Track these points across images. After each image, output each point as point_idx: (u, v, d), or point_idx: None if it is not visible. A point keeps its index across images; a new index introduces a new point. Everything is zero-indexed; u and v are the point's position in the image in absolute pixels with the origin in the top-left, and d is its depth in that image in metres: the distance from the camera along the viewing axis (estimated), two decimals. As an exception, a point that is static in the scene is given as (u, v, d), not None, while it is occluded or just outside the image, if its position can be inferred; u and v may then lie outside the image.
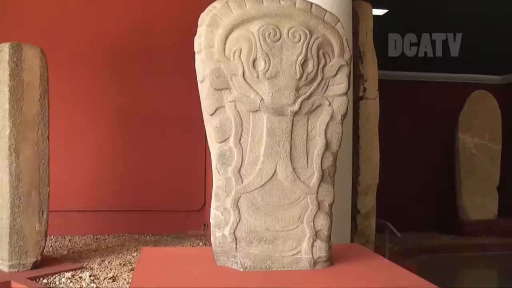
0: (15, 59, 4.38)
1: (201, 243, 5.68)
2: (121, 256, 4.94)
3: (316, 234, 2.48)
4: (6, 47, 4.40)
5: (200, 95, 2.42)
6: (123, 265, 4.59)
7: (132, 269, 4.40)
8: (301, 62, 2.41)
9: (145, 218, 6.29)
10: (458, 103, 7.54)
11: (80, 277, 4.23)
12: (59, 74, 5.56)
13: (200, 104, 2.43)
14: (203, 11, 2.48)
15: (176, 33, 6.34)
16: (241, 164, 2.38)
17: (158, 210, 6.32)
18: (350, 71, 2.58)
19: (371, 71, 4.23)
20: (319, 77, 2.47)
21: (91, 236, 5.99)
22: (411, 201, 7.50)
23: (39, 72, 4.51)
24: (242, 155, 2.38)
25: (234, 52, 2.36)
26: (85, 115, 6.28)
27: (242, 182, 2.39)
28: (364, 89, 4.19)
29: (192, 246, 5.52)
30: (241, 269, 2.39)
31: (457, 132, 7.51)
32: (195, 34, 2.46)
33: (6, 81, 4.36)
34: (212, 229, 2.42)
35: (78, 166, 6.24)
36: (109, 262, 4.70)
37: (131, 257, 4.93)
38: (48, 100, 4.55)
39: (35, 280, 4.18)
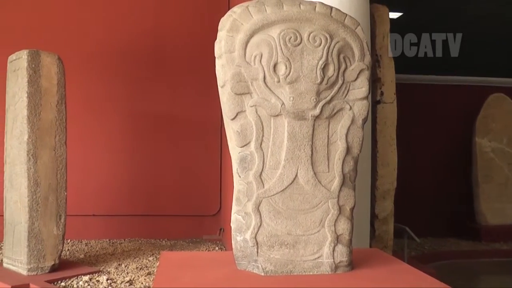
0: (33, 66, 4.44)
1: (217, 248, 5.67)
2: (138, 260, 4.96)
3: (337, 239, 2.47)
4: (24, 54, 4.46)
5: (220, 100, 2.42)
6: (140, 269, 4.61)
7: (149, 273, 4.41)
8: (322, 66, 2.40)
9: (161, 222, 6.31)
10: (475, 107, 7.47)
11: (98, 281, 4.25)
12: (75, 80, 5.61)
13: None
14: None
15: (190, 37, 6.38)
16: (262, 169, 2.38)
17: (174, 215, 6.35)
18: (370, 75, 2.58)
19: (388, 74, 4.21)
20: (340, 81, 2.47)
21: (107, 240, 6.02)
22: (428, 206, 7.43)
23: (56, 78, 4.56)
24: (263, 159, 2.38)
25: (255, 57, 2.36)
26: (102, 121, 6.33)
27: (263, 187, 2.39)
28: (382, 93, 4.17)
29: (208, 250, 5.52)
30: (262, 274, 2.38)
31: (474, 136, 7.43)
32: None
33: (24, 88, 4.42)
34: (233, 233, 2.42)
35: (94, 171, 6.28)
36: (125, 266, 4.72)
37: (147, 261, 4.94)
38: (65, 106, 4.60)
39: (53, 283, 4.22)
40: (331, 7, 2.50)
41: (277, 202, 2.40)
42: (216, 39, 2.44)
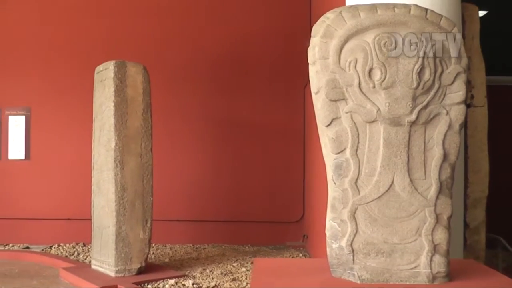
0: (119, 76, 4.61)
1: (300, 254, 5.65)
2: (222, 266, 5.01)
3: (434, 248, 2.39)
4: (111, 65, 4.64)
5: (314, 106, 2.41)
6: (225, 274, 4.65)
7: (234, 279, 4.45)
8: (418, 70, 2.35)
9: (244, 228, 6.38)
10: None
11: (183, 285, 4.33)
12: (161, 89, 5.79)
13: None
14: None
15: (275, 45, 6.40)
16: (358, 175, 2.35)
17: (257, 221, 6.40)
18: (467, 78, 2.48)
19: (479, 77, 4.02)
20: (436, 86, 2.40)
21: (191, 245, 6.15)
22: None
23: (142, 87, 4.71)
24: (359, 166, 2.35)
25: (350, 63, 2.34)
26: (187, 128, 6.49)
27: (359, 194, 2.35)
28: (472, 96, 3.99)
29: (292, 257, 5.51)
30: (358, 282, 2.35)
31: None
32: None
33: (111, 97, 4.60)
34: (328, 240, 2.40)
35: (179, 177, 6.45)
36: (210, 271, 4.78)
37: (231, 267, 4.99)
38: (150, 114, 4.74)
39: (140, 285, 4.34)
40: (426, 9, 2.43)
41: (373, 210, 2.36)
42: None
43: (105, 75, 4.77)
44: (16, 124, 6.77)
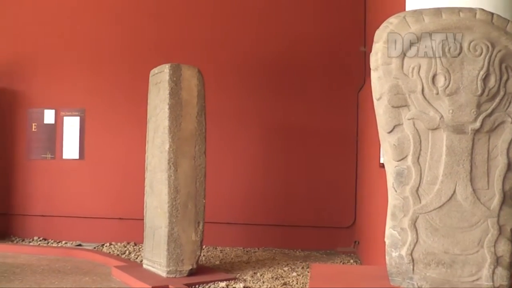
0: (174, 79, 4.70)
1: (351, 260, 5.58)
2: (273, 270, 5.01)
3: (497, 261, 2.31)
4: (166, 68, 4.74)
5: (376, 113, 2.38)
6: (276, 278, 4.65)
7: (285, 284, 4.44)
8: (483, 77, 2.28)
9: (295, 233, 6.37)
10: None
11: (234, 288, 4.36)
12: (215, 92, 5.86)
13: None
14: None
15: (329, 50, 6.38)
16: (419, 184, 2.31)
17: (308, 226, 6.38)
18: (534, 86, 2.39)
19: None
20: (501, 93, 2.32)
21: (242, 248, 6.18)
22: None
23: (196, 90, 4.78)
24: (421, 174, 2.31)
25: (413, 68, 2.30)
26: (240, 131, 6.56)
27: (420, 202, 2.31)
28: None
29: (343, 263, 5.46)
30: (418, 292, 2.30)
31: None
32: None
33: (166, 100, 4.69)
34: (387, 248, 2.37)
35: (232, 181, 6.51)
36: (261, 275, 4.78)
37: (282, 271, 4.98)
38: (205, 117, 4.80)
39: (192, 287, 4.40)
40: (492, 13, 2.36)
41: (434, 219, 2.31)
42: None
43: (160, 78, 4.86)
44: (71, 125, 7.00)
